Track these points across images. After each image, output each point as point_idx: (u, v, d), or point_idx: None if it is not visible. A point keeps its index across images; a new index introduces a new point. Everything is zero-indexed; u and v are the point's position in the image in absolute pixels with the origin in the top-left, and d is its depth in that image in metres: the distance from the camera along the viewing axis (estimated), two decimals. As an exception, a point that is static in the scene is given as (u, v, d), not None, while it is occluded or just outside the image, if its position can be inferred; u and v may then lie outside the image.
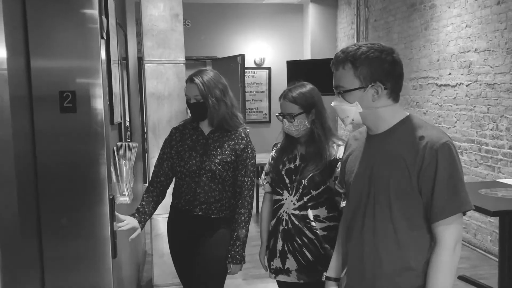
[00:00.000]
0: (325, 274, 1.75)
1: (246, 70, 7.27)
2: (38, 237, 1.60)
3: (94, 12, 1.61)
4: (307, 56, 7.91)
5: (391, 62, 1.44)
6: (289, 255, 2.06)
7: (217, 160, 2.16)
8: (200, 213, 2.19)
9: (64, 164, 1.62)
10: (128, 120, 3.55)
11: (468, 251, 4.47)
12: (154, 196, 2.25)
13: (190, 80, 2.21)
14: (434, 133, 1.43)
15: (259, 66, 8.18)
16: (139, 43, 3.86)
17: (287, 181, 2.09)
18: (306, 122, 2.04)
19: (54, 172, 1.61)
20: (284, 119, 2.07)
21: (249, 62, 7.83)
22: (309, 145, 2.06)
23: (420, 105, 5.39)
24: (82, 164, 1.63)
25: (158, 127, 3.44)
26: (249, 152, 2.25)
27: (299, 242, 2.04)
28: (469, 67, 4.54)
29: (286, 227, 2.07)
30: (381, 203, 1.47)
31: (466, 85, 4.59)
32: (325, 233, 2.02)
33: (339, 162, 1.92)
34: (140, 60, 3.70)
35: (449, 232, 1.41)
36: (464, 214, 1.44)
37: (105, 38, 1.75)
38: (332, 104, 1.52)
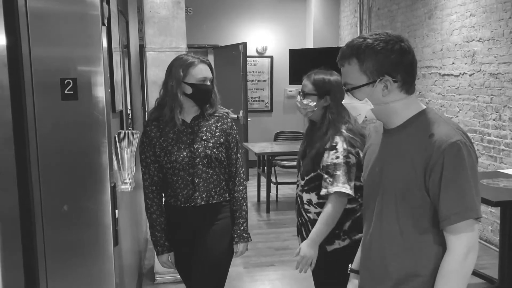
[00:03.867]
0: (350, 266, 1.67)
1: (248, 59, 7.23)
2: (40, 224, 1.60)
3: (95, -2, 1.60)
4: (310, 45, 7.87)
5: (399, 51, 1.34)
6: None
7: (210, 144, 2.12)
8: (202, 202, 2.14)
9: (66, 152, 1.62)
10: (129, 108, 3.54)
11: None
12: (163, 214, 2.19)
13: (202, 61, 2.14)
14: (445, 131, 1.31)
15: (261, 55, 8.14)
16: (141, 31, 3.84)
17: (300, 163, 2.22)
18: (314, 105, 2.08)
19: (56, 160, 1.61)
20: (298, 95, 2.19)
21: (251, 50, 7.79)
22: (316, 131, 2.11)
23: (422, 94, 5.37)
24: (83, 152, 1.63)
25: (160, 115, 3.43)
26: (235, 129, 2.26)
27: (300, 221, 2.18)
28: (473, 56, 4.51)
29: (296, 206, 2.21)
30: (388, 202, 1.40)
31: (470, 75, 4.57)
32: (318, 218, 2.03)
33: (326, 151, 2.00)
34: (142, 48, 3.68)
35: (458, 240, 1.30)
36: (478, 220, 1.32)
37: (106, 25, 1.74)
38: (343, 102, 1.44)
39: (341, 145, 1.98)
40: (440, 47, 5.02)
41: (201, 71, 2.12)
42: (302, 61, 7.27)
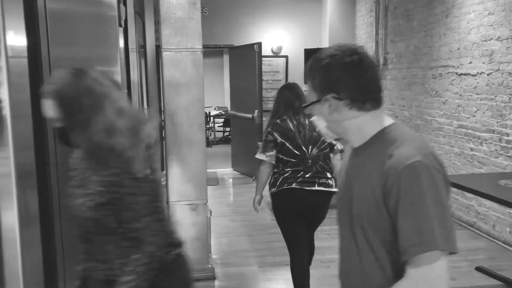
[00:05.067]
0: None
1: (263, 59, 7.24)
2: (58, 224, 1.63)
3: (113, 0, 1.62)
4: (325, 44, 7.83)
5: (346, 67, 1.20)
6: None
7: None
8: None
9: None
10: (146, 107, 3.57)
11: (486, 242, 4.42)
12: None
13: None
14: (404, 151, 1.16)
15: (276, 54, 8.13)
16: (157, 31, 3.87)
17: None
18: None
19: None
20: None
21: (266, 50, 7.79)
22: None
23: (439, 94, 5.31)
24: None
25: (175, 114, 3.46)
26: None
27: None
28: (491, 55, 4.44)
29: None
30: (348, 224, 1.28)
31: (487, 74, 4.50)
32: None
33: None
34: (158, 48, 3.71)
35: (416, 281, 1.13)
36: (444, 252, 1.12)
37: (123, 26, 1.76)
38: (311, 119, 1.38)
39: (267, 129, 3.05)
40: (457, 46, 4.96)
41: None
42: (317, 61, 7.26)
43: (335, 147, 2.99)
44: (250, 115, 6.96)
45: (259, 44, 6.97)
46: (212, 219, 3.87)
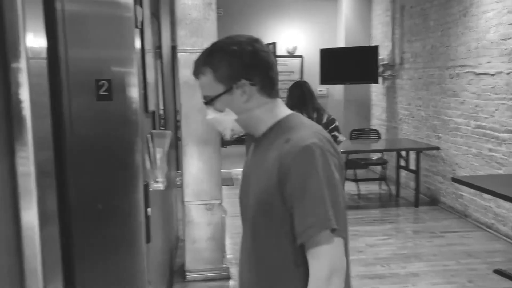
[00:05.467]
0: None
1: (278, 59, 7.23)
2: (74, 221, 1.65)
3: (129, 1, 1.64)
4: (341, 44, 7.80)
5: (252, 53, 1.22)
6: None
7: None
8: None
9: (100, 151, 1.66)
10: (162, 108, 3.60)
11: (505, 244, 4.35)
12: None
13: None
14: (301, 134, 1.17)
15: (291, 55, 8.12)
16: (173, 32, 3.89)
17: None
18: None
19: (90, 158, 1.65)
20: None
21: (281, 50, 7.78)
22: None
23: (456, 94, 5.24)
24: (117, 151, 1.67)
25: (191, 115, 3.48)
26: None
27: None
28: (510, 55, 4.37)
29: None
30: (247, 218, 1.26)
31: (507, 74, 4.43)
32: None
33: None
34: (174, 49, 3.73)
35: (318, 260, 1.11)
36: (336, 234, 1.12)
37: (139, 27, 1.77)
38: (207, 118, 1.30)
39: None
40: (475, 45, 4.89)
41: None
42: (333, 60, 7.22)
43: (338, 138, 3.47)
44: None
45: (274, 44, 6.97)
46: (227, 219, 3.88)
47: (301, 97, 3.56)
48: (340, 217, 1.13)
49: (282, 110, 1.29)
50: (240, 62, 1.22)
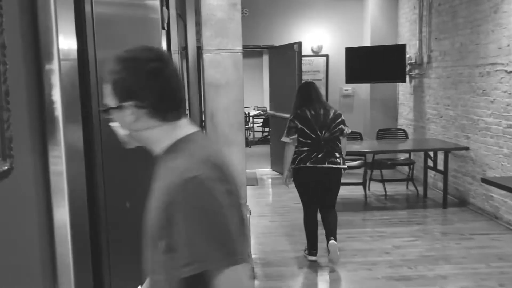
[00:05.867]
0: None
1: (303, 58, 7.20)
2: (104, 222, 1.68)
3: (156, 3, 1.66)
4: (367, 43, 7.71)
5: (150, 73, 1.12)
6: None
7: None
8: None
9: (128, 150, 1.69)
10: (187, 108, 3.64)
11: (538, 247, 4.22)
12: None
13: None
14: (185, 164, 1.10)
15: (316, 54, 8.08)
16: (198, 33, 3.93)
17: None
18: None
19: (119, 157, 1.68)
20: None
21: (306, 49, 7.75)
22: None
23: (487, 93, 5.11)
24: (143, 150, 1.69)
25: (216, 115, 3.50)
26: None
27: None
28: (543, 52, 4.24)
29: None
30: (147, 236, 1.19)
31: (539, 72, 4.30)
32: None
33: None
34: (199, 50, 3.76)
35: None
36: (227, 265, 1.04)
37: (166, 29, 1.80)
38: (110, 124, 1.24)
39: (290, 117, 3.98)
40: (507, 43, 4.76)
41: None
42: (359, 60, 7.15)
43: (344, 131, 3.88)
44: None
45: (299, 43, 6.94)
46: (252, 219, 3.88)
47: (308, 96, 3.96)
48: (223, 248, 1.06)
49: (183, 131, 1.20)
50: (130, 82, 1.13)
